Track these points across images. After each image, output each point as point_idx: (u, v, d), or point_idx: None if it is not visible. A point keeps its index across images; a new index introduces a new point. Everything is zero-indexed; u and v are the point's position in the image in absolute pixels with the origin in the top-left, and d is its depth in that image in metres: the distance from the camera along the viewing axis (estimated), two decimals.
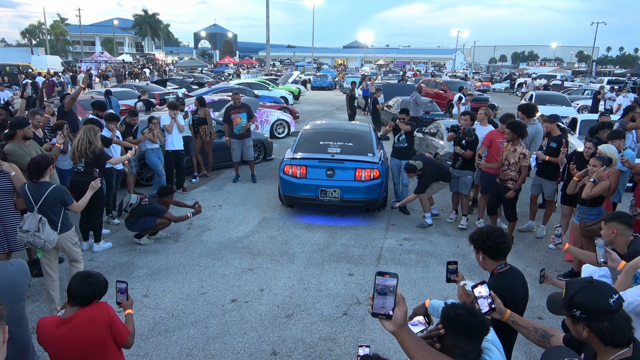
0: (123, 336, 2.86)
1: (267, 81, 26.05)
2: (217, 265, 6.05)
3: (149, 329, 4.62)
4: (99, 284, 2.81)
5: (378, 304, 1.67)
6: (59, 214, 4.59)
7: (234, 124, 9.53)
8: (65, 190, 4.69)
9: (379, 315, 1.67)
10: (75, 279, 2.77)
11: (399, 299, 1.68)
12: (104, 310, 2.81)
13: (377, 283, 1.67)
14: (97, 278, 2.82)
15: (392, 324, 1.66)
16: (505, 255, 2.74)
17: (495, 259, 2.72)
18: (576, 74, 54.65)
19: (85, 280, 2.76)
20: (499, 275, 2.70)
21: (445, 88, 22.16)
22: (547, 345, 2.29)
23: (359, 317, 4.92)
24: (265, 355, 4.28)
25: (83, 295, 2.74)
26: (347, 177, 7.37)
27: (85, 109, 12.07)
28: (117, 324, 2.83)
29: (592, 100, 19.99)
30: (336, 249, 6.61)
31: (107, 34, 79.81)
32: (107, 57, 50.54)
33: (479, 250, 2.76)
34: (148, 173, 9.32)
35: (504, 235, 2.72)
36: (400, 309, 1.66)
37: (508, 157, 6.55)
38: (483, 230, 2.75)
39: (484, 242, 2.70)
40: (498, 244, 2.68)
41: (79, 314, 2.73)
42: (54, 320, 2.74)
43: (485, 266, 2.78)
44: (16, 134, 5.60)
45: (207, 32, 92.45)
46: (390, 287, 1.66)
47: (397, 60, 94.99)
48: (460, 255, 6.52)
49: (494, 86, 41.28)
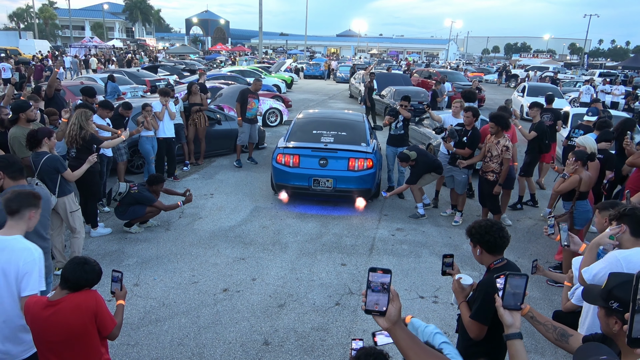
0: (108, 327, 2.83)
1: (260, 69, 25.82)
2: (209, 254, 6.00)
3: (139, 318, 4.58)
4: (94, 272, 2.78)
5: (371, 300, 1.63)
6: (55, 180, 4.96)
7: (248, 108, 9.90)
8: (58, 159, 4.99)
9: (372, 312, 1.64)
10: (72, 264, 2.75)
11: (393, 295, 1.64)
12: (92, 298, 2.78)
13: (370, 279, 1.63)
14: (93, 266, 2.79)
15: (385, 321, 1.63)
16: (503, 249, 2.70)
17: (492, 254, 2.68)
18: (568, 66, 54.78)
19: (81, 267, 2.73)
20: (495, 270, 2.65)
21: (439, 78, 22.10)
22: (565, 344, 2.24)
23: (352, 307, 4.91)
24: (257, 345, 4.26)
25: (75, 281, 2.72)
26: (340, 166, 7.32)
27: (74, 94, 11.86)
28: (103, 314, 2.80)
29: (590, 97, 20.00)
30: (329, 239, 6.59)
31: (97, 18, 78.47)
32: (97, 42, 49.67)
33: (476, 244, 2.70)
34: (138, 160, 9.21)
35: (503, 229, 2.67)
36: (394, 305, 1.63)
37: (491, 149, 6.54)
38: (482, 224, 2.69)
39: (482, 236, 2.65)
40: (497, 238, 2.63)
41: (67, 298, 2.71)
42: (41, 301, 2.73)
43: (482, 260, 2.73)
44: (19, 118, 5.78)
45: (199, 18, 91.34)
46: (384, 284, 1.62)
47: (391, 49, 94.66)
48: (453, 246, 6.53)
49: (486, 77, 41.27)
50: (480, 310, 2.55)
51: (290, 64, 34.56)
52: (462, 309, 2.69)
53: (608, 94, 19.76)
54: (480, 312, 2.55)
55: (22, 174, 3.67)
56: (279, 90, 21.20)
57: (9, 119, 5.90)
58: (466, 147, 6.94)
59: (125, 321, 4.51)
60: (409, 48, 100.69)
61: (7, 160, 3.61)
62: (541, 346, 4.40)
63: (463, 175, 7.08)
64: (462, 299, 2.72)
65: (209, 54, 59.86)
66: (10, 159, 3.69)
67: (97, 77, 17.04)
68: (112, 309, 2.97)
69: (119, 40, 65.10)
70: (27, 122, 5.79)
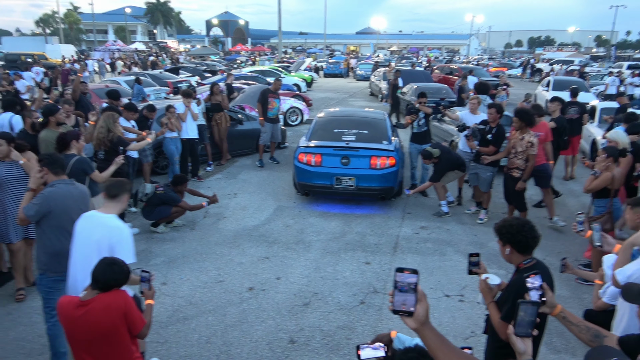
0: (138, 326, 2.90)
1: (280, 68, 25.92)
2: (234, 254, 6.07)
3: (167, 316, 4.66)
4: (122, 272, 2.85)
5: (399, 300, 1.63)
6: (83, 181, 4.92)
7: (269, 108, 9.96)
8: (85, 161, 5.04)
9: (400, 312, 1.63)
10: (101, 264, 2.83)
11: (420, 295, 1.63)
12: (121, 298, 2.85)
13: (396, 279, 1.63)
14: (121, 267, 2.86)
15: (413, 321, 1.62)
16: (533, 249, 2.63)
17: (523, 254, 2.61)
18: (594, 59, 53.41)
19: (110, 267, 2.80)
20: (525, 270, 2.58)
21: (460, 74, 21.83)
22: None
23: (376, 305, 4.91)
24: (283, 343, 4.29)
25: (104, 281, 2.79)
26: (362, 165, 7.31)
27: (99, 97, 12.12)
28: (132, 314, 2.87)
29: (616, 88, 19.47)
30: (352, 238, 6.58)
31: (119, 22, 79.90)
32: (120, 45, 50.60)
33: (506, 243, 2.63)
34: (163, 161, 9.35)
35: (534, 229, 2.60)
36: (422, 306, 1.62)
37: (515, 145, 6.40)
38: (513, 223, 2.62)
39: (513, 235, 2.58)
40: (529, 238, 2.56)
41: (97, 298, 2.79)
42: (73, 301, 2.82)
43: (510, 260, 2.66)
44: (49, 121, 5.91)
45: (219, 19, 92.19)
46: (411, 284, 1.61)
47: (411, 46, 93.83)
48: (478, 244, 6.45)
49: (509, 72, 40.52)
50: (512, 311, 2.50)
51: (309, 63, 34.58)
52: (491, 310, 2.65)
53: (637, 86, 19.23)
54: (511, 314, 2.51)
55: (64, 170, 3.85)
56: (299, 90, 21.25)
57: (39, 123, 6.06)
58: (490, 144, 6.82)
59: (155, 319, 4.58)
60: (430, 44, 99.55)
61: (51, 158, 3.81)
62: (572, 346, 4.31)
63: (488, 173, 6.96)
64: (490, 299, 2.69)
65: (229, 54, 60.36)
66: (53, 156, 3.88)
67: (121, 80, 17.36)
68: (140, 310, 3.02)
69: (142, 43, 66.15)
70: (57, 125, 5.94)
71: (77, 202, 3.74)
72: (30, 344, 4.23)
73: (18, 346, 4.20)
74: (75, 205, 3.71)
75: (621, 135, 5.75)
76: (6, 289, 5.14)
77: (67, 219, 3.62)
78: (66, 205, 3.66)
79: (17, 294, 4.92)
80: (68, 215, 3.62)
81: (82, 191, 3.87)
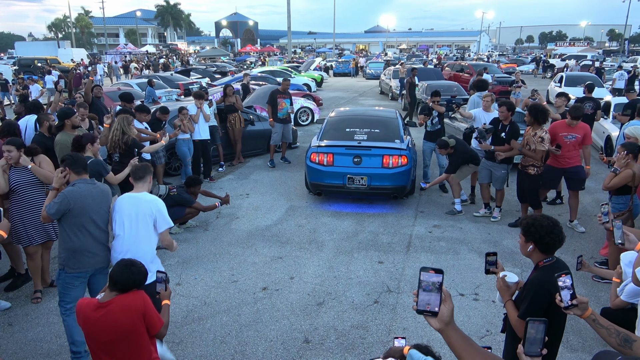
0: (156, 326, 2.94)
1: (290, 69, 25.95)
2: (247, 254, 6.09)
3: (182, 317, 4.70)
4: (140, 273, 2.88)
5: (423, 300, 1.62)
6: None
7: (279, 108, 10.00)
8: (100, 163, 5.16)
9: (424, 312, 1.63)
10: (119, 266, 2.87)
11: (445, 295, 1.62)
12: (140, 299, 2.89)
13: (421, 279, 1.62)
14: (139, 268, 2.90)
15: (438, 321, 1.61)
16: (555, 250, 2.62)
17: (545, 253, 2.60)
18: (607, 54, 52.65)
19: (128, 269, 2.85)
20: (545, 268, 2.56)
21: (471, 71, 21.70)
22: (628, 350, 2.13)
23: (390, 305, 4.89)
24: (298, 343, 4.30)
25: (123, 283, 2.83)
26: (374, 164, 7.29)
27: (112, 100, 12.25)
28: (151, 314, 2.90)
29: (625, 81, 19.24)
30: (365, 237, 6.58)
31: (130, 25, 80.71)
32: (131, 48, 51.15)
33: (530, 241, 2.60)
34: (176, 163, 9.43)
35: (562, 231, 2.59)
36: (447, 306, 1.61)
37: (529, 142, 6.32)
38: (543, 223, 2.58)
39: (542, 236, 2.55)
40: (556, 241, 2.55)
41: (116, 299, 2.83)
42: (92, 303, 2.85)
43: (530, 256, 2.64)
44: (65, 125, 5.98)
45: (228, 20, 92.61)
46: (436, 283, 1.61)
47: (420, 44, 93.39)
48: (492, 242, 6.40)
49: (520, 68, 40.12)
50: (529, 309, 2.49)
51: (319, 63, 34.59)
52: (509, 308, 2.63)
53: None
54: (529, 312, 2.49)
55: (86, 170, 3.97)
56: (309, 89, 21.26)
57: (55, 125, 6.14)
58: (505, 143, 6.73)
59: (170, 319, 4.64)
60: (439, 41, 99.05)
61: (72, 158, 3.93)
62: (588, 344, 4.27)
63: (502, 171, 6.89)
64: (507, 298, 2.67)
65: (239, 55, 60.60)
66: (75, 157, 3.99)
67: (132, 83, 17.53)
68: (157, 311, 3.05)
69: (152, 45, 66.69)
70: (72, 128, 6.01)
71: (96, 201, 3.85)
72: (48, 345, 4.29)
73: (36, 347, 4.26)
74: (95, 204, 3.82)
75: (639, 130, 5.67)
76: (24, 289, 5.22)
77: (85, 218, 3.76)
78: (85, 204, 3.76)
79: (34, 296, 4.98)
80: (87, 214, 3.77)
81: (102, 190, 3.99)
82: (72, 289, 3.80)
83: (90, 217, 3.77)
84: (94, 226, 3.81)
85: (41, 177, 4.82)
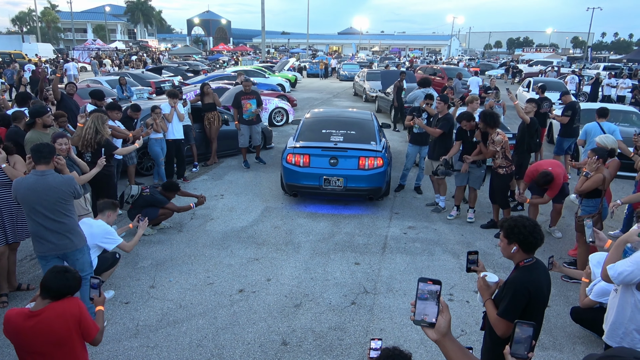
0: (91, 333, 2.88)
1: (264, 68, 25.80)
2: (223, 255, 6.02)
3: (157, 320, 4.60)
4: (75, 279, 2.84)
5: (420, 311, 1.64)
6: None
7: (243, 110, 9.74)
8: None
9: (421, 323, 1.64)
10: (52, 273, 2.81)
11: (443, 306, 1.64)
12: (75, 305, 2.83)
13: (419, 289, 1.64)
14: (74, 274, 2.86)
15: (435, 332, 1.62)
16: (536, 249, 2.69)
17: (527, 253, 2.66)
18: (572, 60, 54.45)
19: (62, 275, 2.79)
20: (524, 268, 2.63)
21: (443, 74, 22.07)
22: None
23: (367, 306, 4.92)
24: (276, 345, 4.27)
25: (57, 289, 2.77)
26: (350, 165, 7.33)
27: (82, 98, 11.89)
28: (86, 320, 2.85)
29: (590, 87, 19.94)
30: (341, 238, 6.60)
31: (98, 20, 78.63)
32: (99, 44, 49.81)
33: (514, 242, 2.65)
34: (148, 162, 9.24)
35: (542, 230, 2.67)
36: (444, 317, 1.62)
37: (490, 146, 6.65)
38: (525, 224, 2.64)
39: (525, 236, 2.60)
40: (538, 240, 2.61)
41: (50, 307, 2.76)
42: (23, 312, 2.78)
43: (512, 257, 2.69)
44: (36, 123, 5.80)
45: (200, 18, 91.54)
46: (433, 294, 1.62)
47: (393, 46, 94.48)
48: (465, 243, 6.52)
49: (490, 72, 40.99)
50: (509, 308, 2.55)
51: (293, 63, 34.51)
52: (488, 307, 2.69)
53: (614, 87, 19.68)
54: (508, 310, 2.55)
55: (45, 162, 3.99)
56: (283, 90, 21.19)
57: (25, 123, 5.93)
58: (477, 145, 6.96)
59: (144, 323, 4.56)
60: (411, 45, 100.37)
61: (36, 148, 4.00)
62: (559, 343, 4.39)
63: (482, 170, 7.06)
64: (487, 297, 2.73)
65: (212, 54, 59.88)
66: (39, 147, 4.01)
67: (102, 80, 17.08)
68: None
69: (122, 42, 65.21)
70: (44, 127, 5.80)
71: (37, 192, 3.90)
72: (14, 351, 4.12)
73: (2, 353, 4.10)
74: (36, 196, 3.89)
75: (611, 140, 5.90)
76: None
77: (29, 207, 3.93)
78: (25, 195, 3.90)
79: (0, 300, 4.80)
80: (29, 204, 3.91)
81: (49, 182, 3.93)
82: (44, 270, 4.03)
83: (33, 207, 3.90)
84: (40, 215, 3.92)
85: (13, 178, 4.65)
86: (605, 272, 3.07)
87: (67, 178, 4.12)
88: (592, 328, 4.31)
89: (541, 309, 2.65)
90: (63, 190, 3.96)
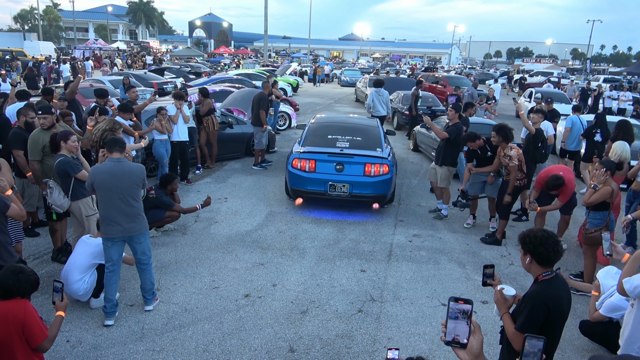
0: (36, 339, 2.75)
1: (266, 72, 25.81)
2: (227, 259, 5.98)
3: (163, 324, 4.56)
4: (28, 281, 2.74)
5: (451, 331, 1.60)
6: (68, 183, 5.06)
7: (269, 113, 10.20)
8: (68, 162, 5.02)
9: (452, 344, 1.61)
10: (6, 271, 2.72)
11: (475, 326, 1.61)
12: (21, 308, 2.71)
13: (450, 308, 1.61)
14: (29, 275, 2.76)
15: (467, 354, 1.58)
16: (554, 263, 2.64)
17: (543, 266, 2.63)
18: (571, 72, 54.72)
19: (15, 275, 2.70)
20: (543, 282, 2.60)
21: (445, 83, 22.11)
22: None
23: (374, 314, 4.89)
24: (283, 352, 4.23)
25: (6, 288, 2.68)
26: (356, 171, 7.31)
27: (85, 97, 11.85)
28: (31, 325, 2.73)
29: (591, 99, 20.01)
30: (346, 245, 6.57)
31: (100, 20, 78.68)
32: (101, 44, 49.75)
33: (527, 253, 2.65)
34: (152, 163, 9.20)
35: (558, 243, 2.62)
36: (476, 338, 1.59)
37: (502, 162, 6.57)
38: (538, 234, 2.63)
39: (536, 247, 2.59)
40: (550, 252, 2.58)
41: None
42: None
43: (529, 269, 2.68)
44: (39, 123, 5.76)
45: (202, 20, 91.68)
46: (464, 313, 1.59)
47: (393, 53, 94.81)
48: (471, 253, 6.50)
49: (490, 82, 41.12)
50: (526, 323, 2.52)
51: (294, 68, 34.51)
52: (506, 321, 2.66)
53: (615, 99, 19.77)
54: (525, 325, 2.52)
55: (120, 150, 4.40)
56: (285, 94, 21.17)
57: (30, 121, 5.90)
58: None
59: (150, 326, 4.51)
60: (412, 52, 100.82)
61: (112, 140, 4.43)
62: (567, 356, 4.37)
63: (500, 178, 6.95)
64: (504, 310, 2.70)
65: (213, 56, 59.92)
66: (114, 139, 4.44)
67: (105, 80, 17.04)
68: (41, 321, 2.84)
69: (123, 42, 65.20)
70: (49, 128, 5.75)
71: (117, 178, 4.27)
72: None
73: None
74: (118, 181, 4.27)
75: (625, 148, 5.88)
76: None
77: (108, 192, 4.28)
78: (105, 180, 4.25)
79: None
80: (111, 190, 4.27)
81: (127, 168, 4.37)
82: (106, 249, 4.43)
83: (109, 190, 4.25)
84: (115, 198, 4.28)
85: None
86: (621, 285, 3.05)
87: (139, 166, 4.58)
88: (602, 342, 4.29)
89: (561, 324, 2.62)
90: (137, 175, 4.41)
